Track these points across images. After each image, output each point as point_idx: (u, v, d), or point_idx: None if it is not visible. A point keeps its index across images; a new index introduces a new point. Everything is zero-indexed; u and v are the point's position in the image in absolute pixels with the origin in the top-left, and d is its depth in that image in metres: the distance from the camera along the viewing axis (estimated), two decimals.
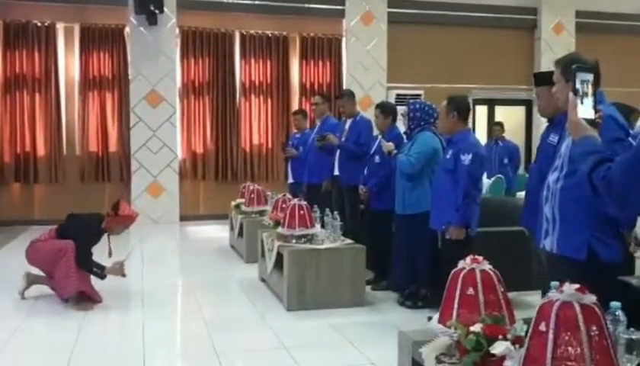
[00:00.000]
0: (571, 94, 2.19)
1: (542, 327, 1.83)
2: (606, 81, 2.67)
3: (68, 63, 10.34)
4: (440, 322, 2.44)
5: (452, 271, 2.46)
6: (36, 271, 5.39)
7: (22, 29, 10.01)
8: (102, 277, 5.18)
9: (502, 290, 2.40)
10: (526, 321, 2.36)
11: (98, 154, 10.36)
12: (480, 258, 2.45)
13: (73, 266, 4.99)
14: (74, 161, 10.35)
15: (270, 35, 11.03)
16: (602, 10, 12.15)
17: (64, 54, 10.30)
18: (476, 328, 2.17)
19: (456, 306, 2.37)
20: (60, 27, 10.24)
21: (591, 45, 10.93)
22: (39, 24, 10.08)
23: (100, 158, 10.38)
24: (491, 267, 2.43)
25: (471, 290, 2.35)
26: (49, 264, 5.11)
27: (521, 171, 10.24)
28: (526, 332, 2.13)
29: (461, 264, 2.45)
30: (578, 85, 2.16)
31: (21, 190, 10.27)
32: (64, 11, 10.17)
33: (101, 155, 10.39)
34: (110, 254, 5.32)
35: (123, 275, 5.29)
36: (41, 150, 10.13)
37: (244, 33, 10.94)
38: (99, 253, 5.33)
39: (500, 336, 2.11)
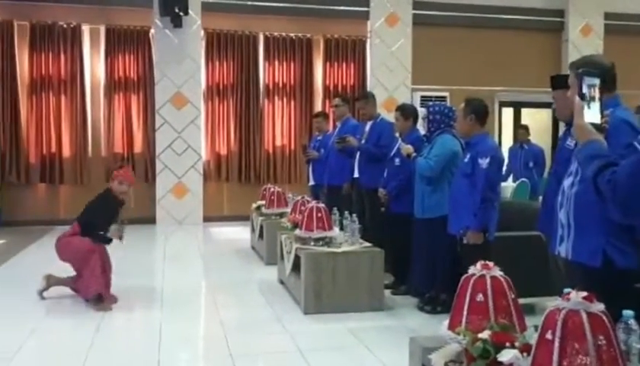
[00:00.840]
0: (576, 98, 2.14)
1: (549, 335, 1.79)
2: (636, 83, 2.60)
3: (94, 65, 10.48)
4: (449, 328, 2.40)
5: (463, 277, 2.42)
6: (57, 272, 5.47)
7: (48, 30, 10.15)
8: (107, 240, 5.24)
9: (513, 296, 2.35)
10: (537, 328, 2.32)
11: (123, 155, 10.46)
12: (490, 263, 2.41)
13: (99, 268, 5.06)
14: (99, 162, 10.47)
15: (293, 37, 11.05)
16: (631, 11, 11.93)
17: (89, 56, 10.43)
18: (484, 335, 2.13)
19: (465, 312, 2.33)
20: (86, 28, 10.38)
21: (620, 47, 10.76)
22: (65, 26, 10.22)
23: (125, 160, 10.48)
24: (501, 273, 2.39)
25: (480, 297, 2.31)
26: (78, 261, 5.17)
27: (546, 175, 10.07)
28: None
29: (471, 270, 2.41)
30: (585, 90, 2.12)
31: (47, 190, 10.42)
32: (89, 13, 10.30)
33: (126, 156, 10.49)
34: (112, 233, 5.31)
35: (120, 238, 5.28)
36: (66, 151, 10.27)
37: (268, 35, 10.98)
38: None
39: (508, 344, 2.07)
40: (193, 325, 5.02)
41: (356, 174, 6.53)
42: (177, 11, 9.90)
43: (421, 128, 5.54)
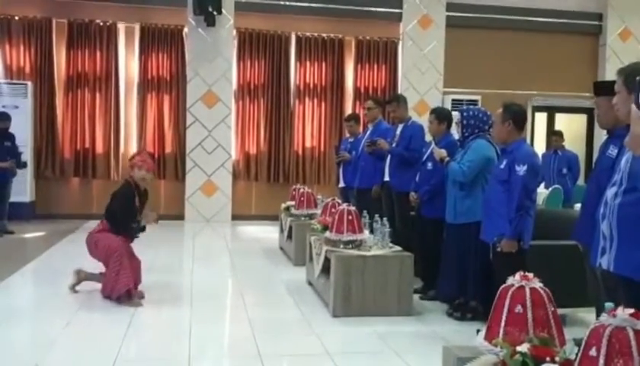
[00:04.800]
0: (633, 107, 2.08)
1: (593, 352, 1.75)
2: None
3: (128, 62, 10.60)
4: (485, 339, 2.37)
5: (501, 288, 2.38)
6: (89, 265, 5.54)
7: (85, 28, 10.32)
8: (142, 229, 5.30)
9: (552, 309, 2.30)
10: (577, 342, 2.26)
11: (155, 152, 10.55)
12: (530, 275, 2.36)
13: (125, 268, 5.09)
14: None
15: (325, 37, 11.04)
16: None
17: (124, 53, 10.56)
18: (523, 348, 2.09)
19: (502, 323, 2.29)
20: (121, 26, 10.52)
21: None
22: (101, 24, 10.36)
23: (156, 157, 10.58)
24: (541, 285, 2.34)
25: (519, 308, 2.27)
26: (104, 260, 5.24)
27: (581, 181, 9.91)
28: (577, 354, 2.04)
29: (510, 280, 2.37)
30: None
31: (80, 185, 10.58)
32: (125, 11, 10.44)
33: (158, 153, 10.58)
34: (146, 220, 5.39)
35: (156, 221, 5.41)
36: (100, 147, 10.41)
37: (300, 35, 10.98)
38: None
39: (547, 358, 2.03)
40: (222, 324, 5.03)
41: (386, 178, 6.49)
42: (210, 10, 9.98)
43: (455, 132, 5.48)
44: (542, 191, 8.90)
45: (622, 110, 2.76)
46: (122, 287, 5.09)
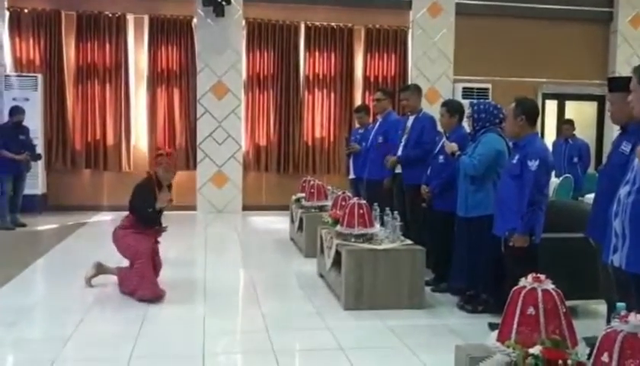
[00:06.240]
0: None
1: (605, 358, 1.76)
2: None
3: (138, 54, 10.61)
4: (498, 339, 2.38)
5: (513, 290, 2.39)
6: (103, 258, 5.62)
7: (94, 20, 10.33)
8: (159, 211, 5.33)
9: (564, 310, 2.32)
10: (588, 341, 2.28)
11: (166, 143, 10.58)
12: (542, 276, 2.37)
13: (150, 274, 5.16)
14: (141, 149, 10.65)
15: (335, 27, 11.00)
16: None
17: (133, 45, 10.57)
18: (535, 350, 2.11)
19: (515, 325, 2.30)
20: (130, 18, 10.52)
21: None
22: (110, 15, 10.37)
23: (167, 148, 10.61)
24: (553, 287, 2.35)
25: (531, 310, 2.28)
26: (128, 259, 5.34)
27: (591, 170, 9.87)
28: (589, 355, 2.06)
29: (522, 282, 2.38)
30: None
31: (91, 176, 10.65)
32: (134, 3, 10.45)
33: (169, 144, 10.59)
34: (160, 202, 5.33)
35: (171, 201, 5.39)
36: (110, 138, 10.46)
37: (310, 24, 10.94)
38: None
39: (560, 362, 2.04)
40: (235, 319, 5.07)
41: (398, 170, 6.48)
42: (219, 0, 9.95)
43: (466, 126, 5.46)
44: (553, 180, 8.87)
45: (637, 107, 2.77)
46: (147, 294, 5.10)
